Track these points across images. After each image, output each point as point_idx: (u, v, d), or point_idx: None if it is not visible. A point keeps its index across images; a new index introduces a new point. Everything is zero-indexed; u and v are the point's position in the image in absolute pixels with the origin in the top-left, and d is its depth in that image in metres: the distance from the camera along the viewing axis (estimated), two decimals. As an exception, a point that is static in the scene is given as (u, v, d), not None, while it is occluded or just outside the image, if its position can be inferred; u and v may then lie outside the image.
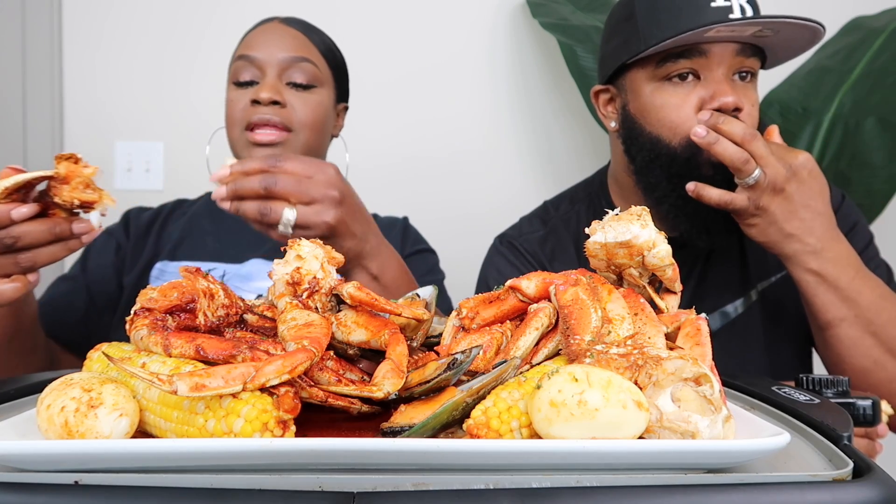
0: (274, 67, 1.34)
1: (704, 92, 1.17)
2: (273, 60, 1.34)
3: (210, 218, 1.46)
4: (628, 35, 1.23)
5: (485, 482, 0.49)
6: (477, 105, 2.23)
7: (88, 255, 1.42)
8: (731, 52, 1.17)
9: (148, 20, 2.17)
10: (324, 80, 1.39)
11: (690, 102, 1.18)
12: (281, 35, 1.37)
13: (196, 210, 1.48)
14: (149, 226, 1.46)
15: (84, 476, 0.49)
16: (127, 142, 2.18)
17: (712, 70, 1.17)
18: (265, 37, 1.37)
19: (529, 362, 0.63)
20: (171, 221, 1.47)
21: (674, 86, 1.19)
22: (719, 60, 1.17)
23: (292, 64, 1.35)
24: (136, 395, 0.57)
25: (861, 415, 0.81)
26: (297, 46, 1.37)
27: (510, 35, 2.23)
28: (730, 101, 1.15)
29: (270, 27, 1.39)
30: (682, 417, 0.52)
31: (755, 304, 1.30)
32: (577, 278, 0.67)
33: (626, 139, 1.27)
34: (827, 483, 0.49)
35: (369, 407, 0.60)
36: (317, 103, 1.37)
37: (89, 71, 2.17)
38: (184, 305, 0.65)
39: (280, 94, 1.32)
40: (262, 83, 1.33)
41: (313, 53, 1.38)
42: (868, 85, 1.88)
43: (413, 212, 2.19)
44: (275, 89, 1.32)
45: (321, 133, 1.39)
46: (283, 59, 1.34)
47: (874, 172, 1.86)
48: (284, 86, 1.34)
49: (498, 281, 1.32)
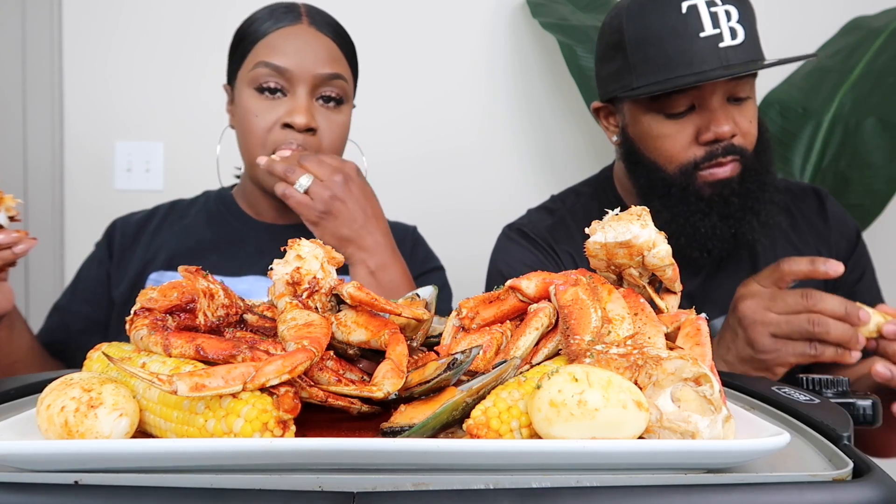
0: (306, 84, 1.23)
1: (700, 122, 1.19)
2: (307, 76, 1.23)
3: (209, 226, 1.38)
4: (620, 65, 1.23)
5: (485, 482, 0.49)
6: (477, 105, 2.23)
7: (79, 276, 1.39)
8: (722, 82, 1.17)
9: (148, 20, 2.17)
10: (350, 94, 1.32)
11: (687, 132, 1.19)
12: (314, 45, 1.25)
13: (194, 218, 1.40)
14: (138, 232, 1.38)
15: (84, 476, 0.49)
16: (127, 142, 2.18)
17: (706, 100, 1.18)
18: (295, 43, 1.25)
19: (529, 362, 0.63)
20: (167, 227, 1.39)
21: (670, 119, 1.21)
22: (712, 90, 1.18)
23: (326, 81, 1.25)
24: (136, 395, 0.57)
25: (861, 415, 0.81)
26: (332, 60, 1.26)
27: (510, 35, 2.23)
28: (725, 131, 1.17)
29: (300, 31, 1.26)
30: (682, 417, 0.52)
31: None
32: (577, 278, 0.67)
33: (627, 159, 1.29)
34: (827, 483, 0.49)
35: (369, 407, 0.60)
36: (343, 123, 1.30)
37: (89, 71, 2.17)
38: (184, 305, 0.65)
39: (314, 120, 1.24)
40: (293, 102, 1.23)
41: (344, 66, 1.29)
42: (868, 85, 1.88)
43: (412, 211, 2.19)
44: (310, 113, 1.23)
45: (341, 153, 1.33)
46: (319, 76, 1.24)
47: (874, 172, 1.86)
48: (315, 103, 1.26)
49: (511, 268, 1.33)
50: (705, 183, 1.20)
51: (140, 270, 1.33)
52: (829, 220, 1.33)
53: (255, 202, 1.38)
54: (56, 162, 2.17)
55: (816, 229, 1.33)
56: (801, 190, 1.38)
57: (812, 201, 1.36)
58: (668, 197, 1.22)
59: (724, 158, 1.18)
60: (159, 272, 1.32)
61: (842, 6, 2.11)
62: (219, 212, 1.40)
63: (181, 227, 1.38)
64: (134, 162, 2.18)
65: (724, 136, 1.17)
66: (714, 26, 1.14)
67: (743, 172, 1.20)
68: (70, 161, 2.19)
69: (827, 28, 2.06)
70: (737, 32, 1.15)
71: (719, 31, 1.14)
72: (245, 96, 1.26)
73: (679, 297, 0.77)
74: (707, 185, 1.20)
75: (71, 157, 2.19)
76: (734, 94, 1.19)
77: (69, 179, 2.19)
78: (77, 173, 2.19)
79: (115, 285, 1.35)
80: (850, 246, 1.32)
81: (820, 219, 1.34)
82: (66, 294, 1.38)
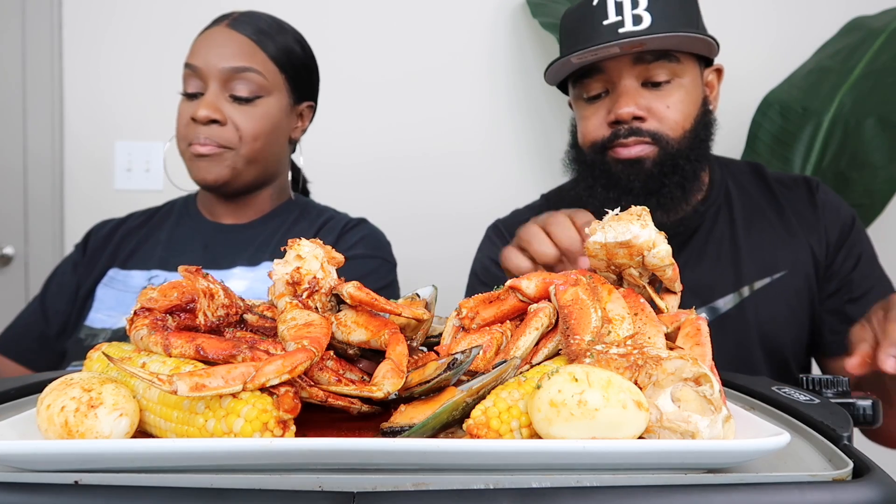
0: (216, 79, 1.28)
1: (610, 104, 1.25)
2: (214, 71, 1.28)
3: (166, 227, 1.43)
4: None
5: (485, 482, 0.49)
6: (477, 105, 2.23)
7: (53, 275, 1.43)
8: (627, 65, 1.22)
9: (148, 20, 2.17)
10: (272, 88, 1.33)
11: (600, 115, 1.26)
12: (224, 42, 1.30)
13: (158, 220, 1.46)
14: (109, 236, 1.43)
15: (84, 476, 0.49)
16: (127, 142, 2.18)
17: (615, 84, 1.24)
18: (208, 43, 1.31)
19: (529, 362, 0.63)
20: (135, 229, 1.44)
21: (589, 102, 1.28)
22: (618, 74, 1.23)
23: (234, 75, 1.29)
24: (136, 395, 0.56)
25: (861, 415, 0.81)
26: (241, 55, 1.30)
27: (510, 35, 2.23)
28: (624, 113, 1.22)
29: (216, 32, 1.32)
30: (682, 417, 0.52)
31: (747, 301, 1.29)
32: (577, 278, 0.67)
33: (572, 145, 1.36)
34: (827, 483, 0.49)
35: (369, 407, 0.60)
36: (262, 115, 1.32)
37: (89, 71, 2.17)
38: (184, 305, 0.65)
39: (219, 111, 1.28)
40: (202, 97, 1.29)
41: (259, 61, 1.31)
42: (868, 85, 1.88)
43: (412, 210, 2.20)
44: (213, 106, 1.28)
45: (270, 142, 1.35)
46: (225, 69, 1.28)
47: (874, 172, 1.86)
48: (227, 98, 1.30)
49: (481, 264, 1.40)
50: (615, 160, 1.24)
51: (103, 269, 1.39)
52: (818, 208, 1.33)
53: (206, 202, 1.44)
54: (56, 162, 2.17)
55: (806, 219, 1.33)
56: (792, 181, 1.39)
57: (802, 192, 1.36)
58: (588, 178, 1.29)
59: (627, 139, 1.23)
60: (114, 269, 1.37)
61: (842, 6, 2.11)
62: (179, 214, 1.46)
63: (145, 229, 1.45)
64: (134, 162, 2.18)
65: (625, 118, 1.22)
66: (617, 14, 1.20)
67: (659, 155, 1.23)
68: (70, 161, 2.19)
69: (827, 28, 2.06)
70: (641, 19, 1.19)
71: (621, 18, 1.19)
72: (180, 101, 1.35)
73: (679, 297, 0.77)
74: (617, 162, 1.24)
75: (71, 157, 2.19)
76: (649, 77, 1.23)
77: (69, 179, 2.19)
78: (77, 173, 2.19)
79: (82, 284, 1.39)
80: (842, 235, 1.32)
81: (810, 208, 1.34)
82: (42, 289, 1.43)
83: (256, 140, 1.32)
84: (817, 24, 2.10)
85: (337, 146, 2.16)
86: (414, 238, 1.93)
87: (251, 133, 1.31)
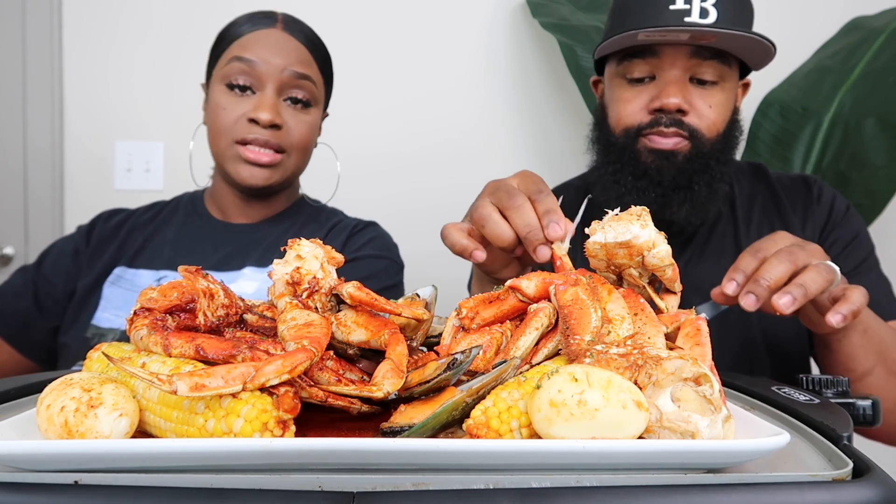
0: (274, 82, 1.29)
1: (655, 91, 1.22)
2: (275, 73, 1.29)
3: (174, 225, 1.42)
4: (604, 29, 1.28)
5: (485, 482, 0.49)
6: (477, 105, 2.23)
7: (49, 252, 1.40)
8: (683, 56, 1.20)
9: (148, 20, 2.17)
10: (319, 99, 1.36)
11: (641, 99, 1.23)
12: (285, 46, 1.31)
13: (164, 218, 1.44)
14: (116, 229, 1.41)
15: (84, 476, 0.49)
16: (127, 142, 2.18)
17: (664, 71, 1.21)
18: (267, 43, 1.30)
19: (529, 362, 0.63)
20: (140, 226, 1.42)
21: (630, 84, 1.24)
22: (671, 63, 1.20)
23: (294, 81, 1.30)
24: (136, 395, 0.56)
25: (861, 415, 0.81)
26: (301, 62, 1.31)
27: (510, 35, 2.23)
28: (672, 103, 1.19)
29: (272, 34, 1.32)
30: (682, 417, 0.52)
31: None
32: (577, 278, 0.67)
33: (596, 127, 1.33)
34: (827, 483, 0.49)
35: (369, 407, 0.60)
36: (310, 124, 1.34)
37: (89, 71, 2.17)
38: (184, 305, 0.65)
39: (280, 117, 1.29)
40: (260, 99, 1.28)
41: (314, 70, 1.34)
42: (868, 85, 1.88)
43: (412, 209, 2.20)
44: (275, 110, 1.28)
45: (309, 152, 1.38)
46: (287, 74, 1.29)
47: (874, 172, 1.86)
48: (282, 102, 1.31)
49: None
50: (646, 148, 1.22)
51: (108, 265, 1.36)
52: (816, 205, 1.35)
53: (219, 200, 1.42)
54: (56, 162, 2.17)
55: (806, 217, 1.34)
56: (791, 180, 1.40)
57: (802, 191, 1.37)
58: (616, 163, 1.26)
59: (667, 129, 1.21)
60: (122, 268, 1.35)
61: (842, 6, 2.11)
62: (186, 212, 1.45)
63: (152, 226, 1.43)
64: (134, 162, 2.18)
65: (670, 108, 1.20)
66: (685, 2, 1.17)
67: (691, 152, 1.22)
68: (70, 161, 2.19)
69: (827, 28, 2.06)
70: (708, 13, 1.17)
71: (689, 7, 1.17)
72: (217, 92, 1.32)
73: (679, 297, 0.77)
74: (647, 151, 1.22)
75: (71, 157, 2.19)
76: (697, 74, 1.22)
77: (69, 179, 2.19)
78: (77, 173, 2.19)
79: (84, 275, 1.37)
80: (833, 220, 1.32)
81: (809, 206, 1.35)
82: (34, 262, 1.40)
83: (304, 149, 1.35)
84: (817, 24, 2.10)
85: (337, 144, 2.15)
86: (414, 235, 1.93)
87: (301, 141, 1.33)
